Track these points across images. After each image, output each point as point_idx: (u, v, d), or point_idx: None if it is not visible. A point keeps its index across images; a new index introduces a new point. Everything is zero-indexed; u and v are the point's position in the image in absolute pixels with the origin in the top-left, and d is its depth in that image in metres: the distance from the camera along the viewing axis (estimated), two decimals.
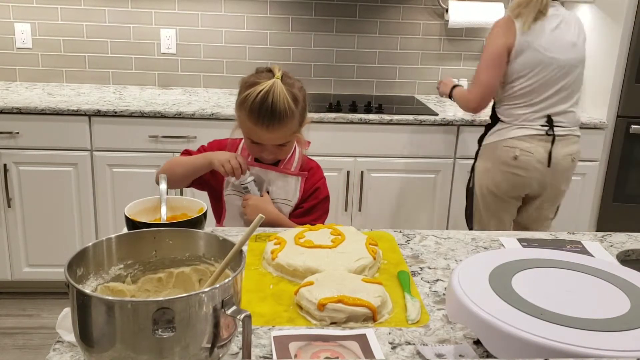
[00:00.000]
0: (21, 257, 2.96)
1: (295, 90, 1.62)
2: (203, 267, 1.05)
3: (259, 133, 1.60)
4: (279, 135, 1.61)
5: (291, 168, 1.73)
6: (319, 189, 1.75)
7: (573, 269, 1.07)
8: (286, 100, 1.57)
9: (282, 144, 1.65)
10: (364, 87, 3.56)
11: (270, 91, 1.56)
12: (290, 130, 1.62)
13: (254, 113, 1.57)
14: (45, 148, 2.84)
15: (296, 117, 1.61)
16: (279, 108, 1.56)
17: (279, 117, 1.57)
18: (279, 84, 1.58)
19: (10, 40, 3.30)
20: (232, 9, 3.37)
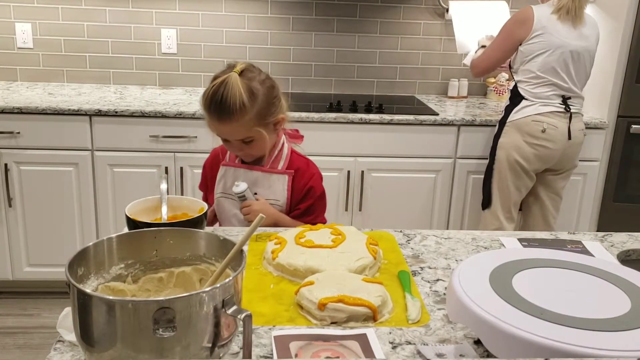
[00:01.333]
0: (22, 257, 2.97)
1: (254, 84, 1.59)
2: (204, 266, 1.05)
3: (215, 126, 1.61)
4: (232, 129, 1.59)
5: (278, 167, 1.72)
6: (313, 188, 1.73)
7: (573, 269, 1.07)
8: (238, 93, 1.54)
9: (246, 141, 1.62)
10: (364, 87, 3.56)
11: (222, 83, 1.55)
12: (247, 125, 1.58)
13: (206, 106, 1.59)
14: (46, 148, 2.84)
15: (250, 112, 1.57)
16: (229, 101, 1.54)
17: (229, 110, 1.55)
18: (234, 77, 1.56)
19: (11, 40, 3.30)
20: (233, 8, 3.37)
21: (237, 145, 1.64)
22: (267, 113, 1.63)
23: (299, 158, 1.77)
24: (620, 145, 3.10)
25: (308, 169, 1.75)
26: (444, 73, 3.55)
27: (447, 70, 3.55)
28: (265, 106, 1.61)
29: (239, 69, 1.59)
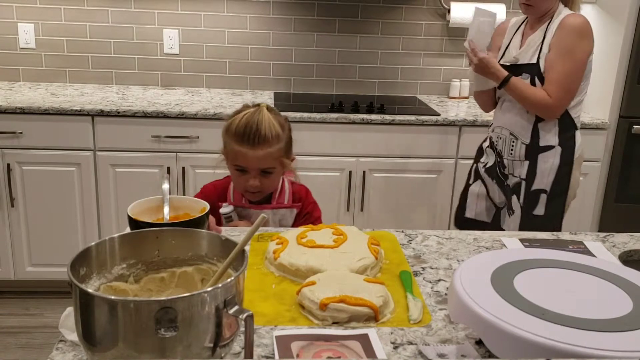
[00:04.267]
0: (24, 257, 2.97)
1: (281, 119, 1.71)
2: (205, 266, 1.05)
3: (244, 153, 1.64)
4: (263, 155, 1.63)
5: (284, 201, 1.77)
6: (309, 214, 1.78)
7: (575, 269, 1.07)
8: (271, 122, 1.64)
9: (267, 172, 1.66)
10: (366, 87, 3.56)
11: (256, 112, 1.65)
12: (277, 153, 1.66)
13: (239, 132, 1.63)
14: (48, 148, 2.85)
15: (281, 141, 1.67)
16: (265, 127, 1.62)
17: (265, 136, 1.62)
18: (264, 109, 1.66)
19: (14, 41, 3.31)
20: (235, 9, 3.37)
21: (255, 176, 1.66)
22: (289, 148, 1.72)
23: (299, 187, 1.83)
24: (621, 145, 3.10)
25: (308, 197, 1.82)
26: (445, 73, 3.55)
27: (448, 70, 3.55)
28: (288, 141, 1.72)
29: (265, 105, 1.69)
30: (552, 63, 2.17)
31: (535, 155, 2.26)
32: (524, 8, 2.23)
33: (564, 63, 2.15)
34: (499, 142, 2.35)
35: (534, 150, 2.26)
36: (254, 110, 1.66)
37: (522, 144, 2.27)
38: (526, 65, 2.22)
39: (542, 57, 2.19)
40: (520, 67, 2.24)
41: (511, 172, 2.33)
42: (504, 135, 2.33)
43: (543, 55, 2.19)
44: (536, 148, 2.26)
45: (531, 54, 2.22)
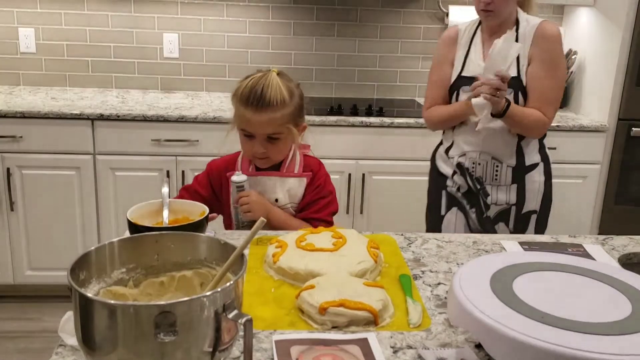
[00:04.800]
0: (23, 261, 2.97)
1: (291, 85, 1.66)
2: (205, 270, 1.05)
3: (248, 117, 1.61)
4: (268, 119, 1.60)
5: (294, 170, 1.73)
6: (321, 185, 1.75)
7: (574, 273, 1.07)
8: (278, 87, 1.60)
9: (273, 137, 1.63)
10: (365, 90, 3.56)
11: (263, 77, 1.62)
12: (281, 119, 1.61)
13: (244, 96, 1.61)
14: (48, 152, 2.85)
15: (288, 107, 1.62)
16: (270, 91, 1.59)
17: (269, 100, 1.58)
18: (273, 74, 1.63)
19: (14, 45, 3.31)
20: (235, 14, 3.38)
21: (261, 142, 1.63)
22: (298, 115, 1.68)
23: (312, 159, 1.79)
24: (621, 148, 3.10)
25: (320, 169, 1.78)
26: None
27: None
28: (298, 107, 1.67)
29: (276, 71, 1.66)
30: (539, 78, 2.00)
31: (522, 177, 2.10)
32: (483, 15, 2.01)
33: (553, 77, 2.01)
34: (478, 168, 2.11)
35: (521, 172, 2.10)
36: (262, 74, 1.62)
37: (508, 166, 2.09)
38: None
39: (523, 69, 2.01)
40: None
41: (494, 202, 2.12)
42: (483, 160, 2.09)
43: (523, 67, 2.01)
44: (523, 169, 2.10)
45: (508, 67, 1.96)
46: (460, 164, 2.14)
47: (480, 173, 2.11)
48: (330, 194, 1.77)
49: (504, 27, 2.00)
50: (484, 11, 1.99)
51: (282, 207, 1.70)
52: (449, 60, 2.14)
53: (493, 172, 2.11)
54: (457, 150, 2.15)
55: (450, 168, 2.18)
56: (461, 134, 2.13)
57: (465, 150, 2.12)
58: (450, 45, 2.15)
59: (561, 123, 3.05)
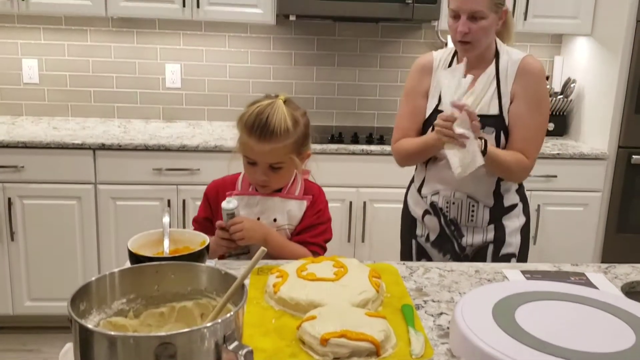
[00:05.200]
0: (23, 291, 2.95)
1: (297, 114, 1.65)
2: (205, 301, 1.04)
3: (251, 146, 1.60)
4: (270, 149, 1.59)
5: (295, 193, 1.72)
6: (321, 211, 1.74)
7: (577, 302, 1.07)
8: (283, 117, 1.59)
9: (276, 167, 1.63)
10: (365, 118, 3.59)
11: (269, 106, 1.60)
12: (284, 149, 1.61)
13: (248, 124, 1.59)
14: (49, 182, 2.85)
15: (292, 137, 1.61)
16: (274, 121, 1.58)
17: (272, 130, 1.57)
18: (280, 103, 1.62)
19: (18, 76, 3.35)
20: (237, 44, 3.42)
21: (263, 170, 1.63)
22: (302, 144, 1.67)
23: (312, 185, 1.79)
24: (621, 175, 3.10)
25: (320, 196, 1.78)
26: None
27: None
28: (302, 136, 1.66)
29: (283, 98, 1.65)
30: (522, 118, 1.84)
31: (500, 218, 1.94)
32: (460, 46, 1.84)
33: (537, 117, 1.86)
34: (452, 207, 1.94)
35: (498, 213, 1.93)
36: (269, 103, 1.61)
37: (486, 207, 1.92)
38: (488, 118, 1.83)
39: (506, 107, 1.85)
40: (481, 120, 1.77)
41: (469, 244, 1.95)
42: (458, 199, 1.92)
43: (505, 105, 1.85)
44: (501, 210, 1.93)
45: (485, 103, 1.86)
46: (433, 203, 1.96)
47: (455, 214, 1.94)
48: (328, 221, 1.76)
49: (482, 59, 1.87)
50: (461, 42, 1.82)
51: (279, 227, 1.69)
52: (422, 91, 1.96)
53: (469, 213, 1.93)
54: (429, 189, 1.97)
55: (422, 209, 2.01)
56: (434, 170, 1.95)
57: (438, 188, 1.95)
58: (423, 74, 1.97)
59: (561, 151, 3.06)
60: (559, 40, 3.57)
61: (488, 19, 1.78)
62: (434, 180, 1.96)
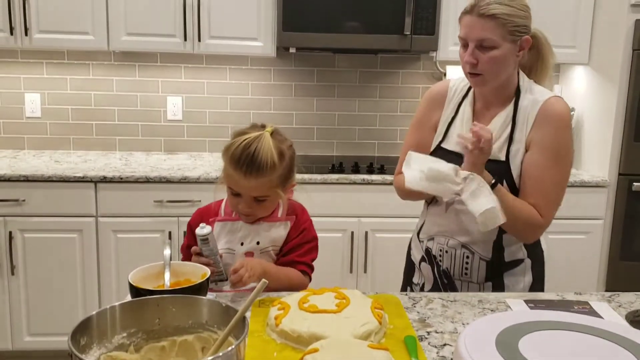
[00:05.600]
0: (23, 326, 2.93)
1: (283, 147, 1.64)
2: (206, 334, 1.04)
3: (236, 179, 1.59)
4: (256, 184, 1.58)
5: (278, 215, 1.71)
6: (305, 230, 1.72)
7: (581, 331, 1.06)
8: (270, 151, 1.57)
9: (260, 199, 1.62)
10: (366, 148, 3.60)
11: (255, 140, 1.58)
12: (270, 183, 1.60)
13: (234, 158, 1.58)
14: (50, 215, 2.85)
15: (277, 171, 1.60)
16: (261, 156, 1.56)
17: (258, 166, 1.56)
18: (267, 136, 1.60)
19: (20, 110, 3.38)
20: (237, 77, 3.46)
21: (247, 202, 1.62)
22: (287, 177, 1.66)
23: (294, 204, 1.76)
24: (623, 203, 3.10)
25: (304, 214, 1.76)
26: None
27: None
28: (287, 169, 1.65)
29: (270, 130, 1.63)
30: (537, 169, 1.60)
31: (499, 275, 1.70)
32: (470, 79, 1.64)
33: (557, 171, 1.61)
34: (445, 256, 1.73)
35: (497, 268, 1.69)
36: (256, 136, 1.58)
37: (482, 260, 1.69)
38: (490, 163, 1.58)
39: (514, 154, 1.63)
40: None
41: None
42: (452, 248, 1.71)
43: (516, 152, 1.63)
44: (500, 265, 1.69)
45: (497, 148, 1.62)
46: (428, 249, 1.78)
47: (448, 264, 1.73)
48: (314, 239, 1.74)
49: (501, 96, 1.66)
50: (471, 75, 1.62)
51: (263, 249, 1.68)
52: (432, 123, 1.78)
53: (462, 265, 1.71)
54: (426, 233, 1.80)
55: (419, 254, 1.83)
56: (433, 213, 1.77)
57: (433, 233, 1.77)
58: (434, 106, 1.78)
59: None
60: (557, 69, 3.61)
61: (500, 49, 1.56)
62: (431, 223, 1.78)
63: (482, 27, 1.55)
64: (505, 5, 1.56)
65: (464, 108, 1.72)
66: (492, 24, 1.55)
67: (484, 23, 1.55)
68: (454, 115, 1.73)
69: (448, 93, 1.77)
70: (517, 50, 1.60)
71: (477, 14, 1.56)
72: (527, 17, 1.61)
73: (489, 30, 1.55)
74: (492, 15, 1.55)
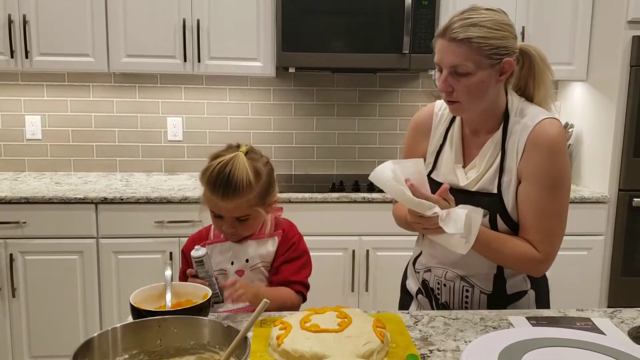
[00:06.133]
0: (24, 348, 2.91)
1: (259, 165, 1.64)
2: (208, 355, 1.03)
3: (215, 202, 1.61)
4: (234, 206, 1.60)
5: (265, 232, 1.70)
6: (295, 244, 1.72)
7: (584, 348, 1.06)
8: (245, 171, 1.58)
9: (242, 219, 1.63)
10: (366, 166, 3.61)
11: (230, 162, 1.59)
12: (248, 203, 1.60)
13: (211, 182, 1.60)
14: (51, 237, 2.85)
15: (255, 190, 1.60)
16: (236, 178, 1.57)
17: (234, 187, 1.57)
18: (241, 156, 1.60)
19: (21, 132, 3.39)
20: (237, 97, 3.48)
21: (230, 223, 1.64)
22: (267, 194, 1.66)
23: (281, 220, 1.76)
24: (623, 218, 3.10)
25: (292, 229, 1.76)
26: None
27: None
28: (266, 187, 1.65)
29: (245, 150, 1.64)
30: (531, 202, 1.48)
31: (502, 308, 1.60)
32: (449, 106, 1.53)
33: (554, 202, 1.48)
34: (443, 290, 1.64)
35: (499, 302, 1.60)
36: (230, 158, 1.59)
37: (482, 293, 1.60)
38: (482, 196, 1.51)
39: (507, 186, 1.51)
40: (472, 197, 1.52)
41: None
42: (450, 281, 1.62)
43: (508, 184, 1.51)
44: (502, 298, 1.60)
45: (488, 180, 1.52)
46: (425, 282, 1.69)
47: (447, 298, 1.64)
48: (304, 253, 1.73)
49: (488, 119, 1.54)
50: (449, 102, 1.51)
51: (253, 266, 1.69)
52: (420, 153, 1.68)
53: (462, 298, 1.61)
54: (422, 264, 1.70)
55: (416, 285, 1.74)
56: (428, 244, 1.67)
57: (430, 265, 1.66)
58: (420, 135, 1.70)
59: None
60: (555, 86, 3.63)
61: (477, 75, 1.42)
62: (428, 254, 1.67)
63: (454, 52, 1.41)
64: (479, 28, 1.40)
65: (451, 134, 1.61)
66: (465, 49, 1.40)
67: (455, 48, 1.41)
68: (442, 143, 1.63)
69: (434, 119, 1.67)
70: (497, 75, 1.45)
71: (448, 39, 1.42)
72: (507, 36, 1.44)
73: (462, 56, 1.41)
74: (465, 40, 1.40)
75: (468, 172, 1.55)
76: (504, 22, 1.44)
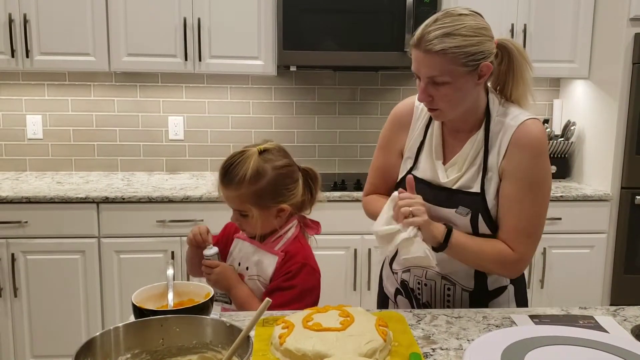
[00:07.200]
0: (26, 348, 2.91)
1: (266, 166, 1.61)
2: (210, 354, 1.03)
3: (220, 189, 1.65)
4: (232, 196, 1.62)
5: (275, 247, 1.68)
6: (290, 273, 1.62)
7: (587, 346, 1.05)
8: (246, 166, 1.59)
9: (242, 214, 1.64)
10: (367, 165, 3.56)
11: (240, 154, 1.63)
12: (240, 198, 1.61)
13: (220, 168, 1.65)
14: (53, 236, 2.85)
15: (248, 188, 1.58)
16: (236, 170, 1.60)
17: (230, 177, 1.60)
18: (252, 152, 1.63)
19: (22, 132, 3.39)
20: (238, 96, 3.48)
21: (235, 214, 1.68)
22: (268, 197, 1.63)
23: (297, 244, 1.70)
24: (626, 216, 3.09)
25: (298, 254, 1.66)
26: None
27: None
28: (268, 190, 1.62)
29: (262, 148, 1.66)
30: (510, 202, 1.48)
31: (484, 304, 1.60)
32: (430, 112, 1.54)
33: (532, 202, 1.48)
34: (424, 289, 1.63)
35: (481, 298, 1.60)
36: (244, 151, 1.64)
37: (464, 290, 1.59)
38: (464, 195, 1.52)
39: (489, 184, 1.50)
40: (454, 195, 1.53)
41: None
42: (431, 280, 1.61)
43: (490, 182, 1.50)
44: (484, 295, 1.60)
45: (470, 178, 1.52)
46: (404, 282, 1.67)
47: (428, 297, 1.63)
48: (300, 286, 1.61)
49: (469, 119, 1.53)
50: (430, 110, 1.52)
51: (250, 277, 1.68)
52: (398, 146, 1.70)
53: (444, 297, 1.61)
54: (401, 264, 1.66)
55: (393, 287, 1.71)
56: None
57: (409, 264, 1.63)
58: (400, 129, 1.70)
59: (565, 193, 3.06)
60: (557, 83, 3.62)
61: (455, 83, 1.42)
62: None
63: (430, 64, 1.41)
64: (454, 37, 1.39)
65: (431, 132, 1.60)
66: (440, 60, 1.39)
67: (430, 59, 1.40)
68: (423, 140, 1.62)
69: (414, 113, 1.67)
70: (476, 79, 1.44)
71: (423, 50, 1.41)
72: (483, 41, 1.42)
73: (438, 67, 1.40)
74: (440, 52, 1.38)
75: (448, 169, 1.55)
76: (478, 26, 1.43)
